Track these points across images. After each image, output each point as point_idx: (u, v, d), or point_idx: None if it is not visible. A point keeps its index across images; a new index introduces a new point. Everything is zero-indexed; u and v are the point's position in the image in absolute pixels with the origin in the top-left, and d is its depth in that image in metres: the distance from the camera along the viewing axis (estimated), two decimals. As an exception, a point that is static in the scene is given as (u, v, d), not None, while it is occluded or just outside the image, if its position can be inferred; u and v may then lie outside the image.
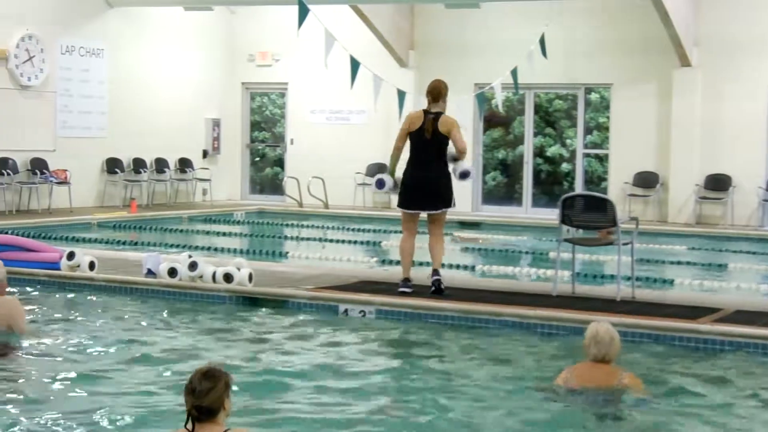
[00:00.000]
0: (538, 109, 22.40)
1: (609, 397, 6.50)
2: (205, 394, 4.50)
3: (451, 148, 9.91)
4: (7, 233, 13.90)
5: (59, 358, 7.59)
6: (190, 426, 4.49)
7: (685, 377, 7.44)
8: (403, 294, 9.75)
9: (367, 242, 16.16)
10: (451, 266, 12.41)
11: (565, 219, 9.94)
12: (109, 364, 7.44)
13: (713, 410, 6.60)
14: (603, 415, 6.33)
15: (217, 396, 4.52)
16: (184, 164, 22.66)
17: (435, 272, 9.96)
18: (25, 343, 7.95)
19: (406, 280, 9.95)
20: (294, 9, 12.92)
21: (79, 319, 9.13)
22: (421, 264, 12.96)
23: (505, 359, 7.97)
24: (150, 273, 10.56)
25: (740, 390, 7.15)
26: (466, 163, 10.19)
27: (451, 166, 10.00)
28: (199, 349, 8.02)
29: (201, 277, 10.21)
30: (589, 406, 6.42)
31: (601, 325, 6.67)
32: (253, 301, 9.91)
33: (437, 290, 9.86)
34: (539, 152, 22.40)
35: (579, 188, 21.00)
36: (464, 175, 10.10)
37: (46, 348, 7.89)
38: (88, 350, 7.89)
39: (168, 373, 7.18)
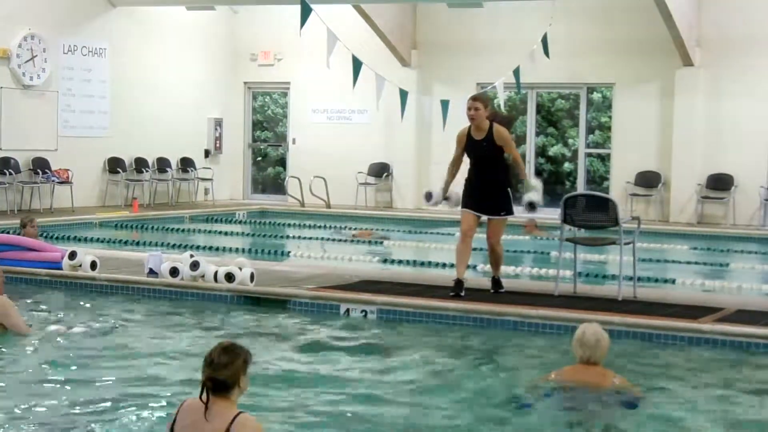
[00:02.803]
0: (540, 108, 22.41)
1: (601, 396, 6.48)
2: (222, 367, 4.56)
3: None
4: (9, 233, 13.91)
5: (60, 358, 7.59)
6: (204, 397, 4.53)
7: (687, 377, 7.44)
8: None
9: (369, 242, 16.15)
10: (452, 266, 12.37)
11: (567, 218, 9.94)
12: (110, 364, 7.44)
13: (714, 409, 6.60)
14: (597, 415, 6.33)
15: (234, 371, 4.58)
16: (186, 164, 22.67)
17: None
18: (26, 343, 7.96)
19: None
20: (296, 8, 12.92)
21: (80, 318, 9.13)
22: (423, 265, 13.00)
23: (507, 359, 7.98)
24: (152, 273, 10.56)
25: (741, 389, 7.14)
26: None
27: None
28: (200, 349, 8.01)
29: (203, 276, 10.22)
30: (581, 406, 6.41)
31: (589, 327, 6.64)
32: (254, 301, 9.92)
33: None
34: (541, 152, 22.41)
35: (581, 188, 21.00)
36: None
37: (47, 347, 7.89)
38: (89, 350, 7.89)
39: (169, 373, 7.19)
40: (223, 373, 4.56)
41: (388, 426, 6.12)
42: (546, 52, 17.37)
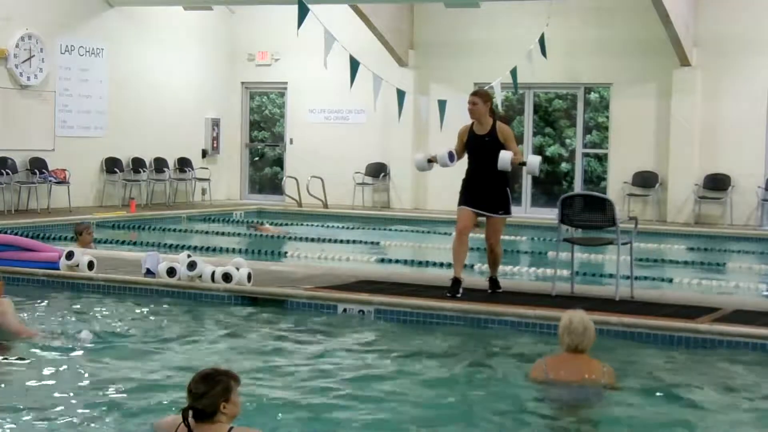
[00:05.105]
0: (537, 108, 22.42)
1: (591, 390, 6.47)
2: (199, 397, 4.49)
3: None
4: (6, 233, 13.90)
5: (57, 358, 7.59)
6: (189, 421, 4.49)
7: (684, 377, 7.44)
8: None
9: (366, 242, 16.15)
10: (450, 266, 12.38)
11: (564, 219, 9.93)
12: (106, 364, 7.44)
13: (711, 409, 6.60)
14: (586, 411, 6.33)
15: (211, 401, 4.49)
16: (184, 164, 22.67)
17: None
18: (22, 343, 7.95)
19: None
20: (294, 8, 12.93)
21: (77, 319, 9.12)
22: (420, 265, 12.99)
23: (504, 359, 7.97)
24: (149, 273, 10.55)
25: (738, 389, 7.15)
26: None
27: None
28: (197, 349, 8.02)
29: (200, 276, 10.20)
30: (573, 400, 6.40)
31: (575, 315, 6.63)
32: (252, 301, 9.90)
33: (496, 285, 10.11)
34: (538, 152, 22.39)
35: (578, 188, 21.02)
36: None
37: (44, 348, 7.88)
38: (86, 350, 7.88)
39: (166, 373, 7.18)
40: (200, 403, 4.49)
41: (385, 425, 6.12)
42: (543, 52, 17.41)
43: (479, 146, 9.78)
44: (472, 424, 6.18)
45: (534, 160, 10.05)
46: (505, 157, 9.59)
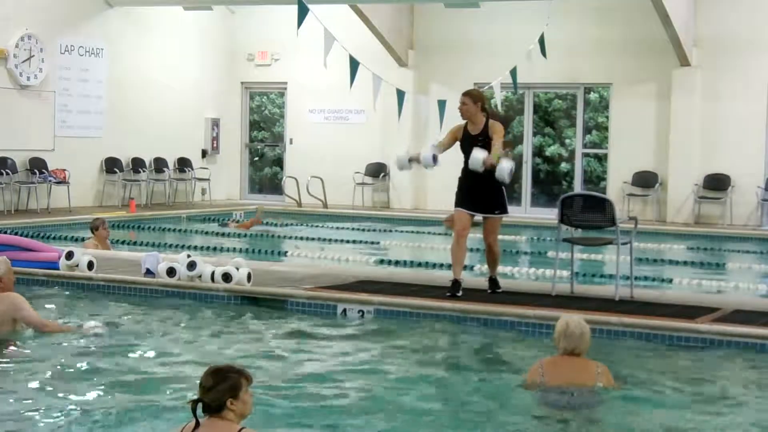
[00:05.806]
0: (537, 108, 22.42)
1: (587, 393, 6.46)
2: (206, 390, 4.53)
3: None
4: (6, 233, 13.90)
5: (57, 358, 7.59)
6: (199, 414, 4.52)
7: (684, 377, 7.44)
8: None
9: (366, 242, 16.15)
10: (449, 266, 12.38)
11: (564, 218, 9.94)
12: (106, 364, 7.43)
13: (710, 409, 6.60)
14: (585, 413, 6.33)
15: (217, 395, 4.52)
16: (183, 164, 22.67)
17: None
18: (24, 342, 7.96)
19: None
20: (293, 8, 12.92)
21: (77, 319, 9.12)
22: (420, 265, 13.01)
23: (504, 359, 7.98)
24: (149, 273, 10.55)
25: (738, 389, 7.15)
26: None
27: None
28: (197, 349, 8.02)
29: (200, 276, 10.20)
30: (567, 403, 6.39)
31: (571, 319, 6.61)
32: (252, 301, 9.91)
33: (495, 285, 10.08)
34: (538, 152, 22.43)
35: (578, 188, 21.02)
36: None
37: (44, 348, 7.88)
38: (86, 350, 7.88)
39: (166, 373, 7.18)
40: (207, 396, 4.53)
41: (384, 425, 6.13)
42: (543, 52, 17.38)
43: (472, 145, 9.75)
44: (469, 426, 6.18)
45: (504, 166, 9.47)
46: (476, 156, 9.48)
